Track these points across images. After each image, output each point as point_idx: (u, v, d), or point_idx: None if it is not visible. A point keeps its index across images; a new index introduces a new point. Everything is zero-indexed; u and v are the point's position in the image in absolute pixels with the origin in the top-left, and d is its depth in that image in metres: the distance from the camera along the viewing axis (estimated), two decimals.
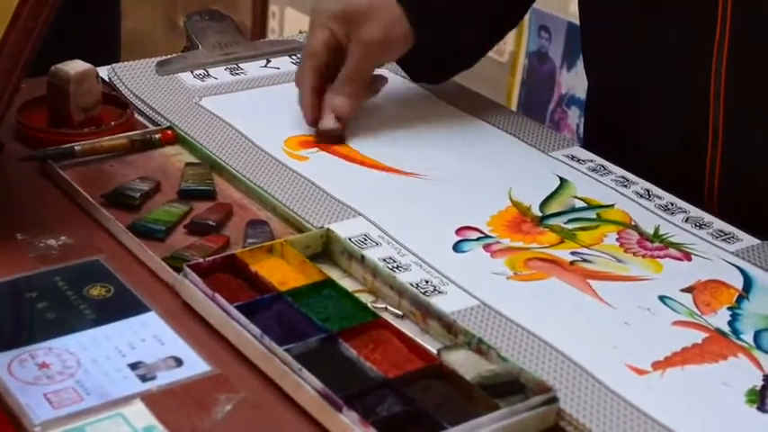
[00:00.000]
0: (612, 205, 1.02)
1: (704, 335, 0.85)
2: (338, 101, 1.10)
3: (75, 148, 1.05)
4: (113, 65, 1.22)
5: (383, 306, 0.88)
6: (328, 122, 1.10)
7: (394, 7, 1.11)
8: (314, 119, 1.11)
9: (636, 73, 1.12)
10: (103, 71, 1.19)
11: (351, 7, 1.10)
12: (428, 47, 1.13)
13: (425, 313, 0.85)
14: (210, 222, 0.96)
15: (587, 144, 1.15)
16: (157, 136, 1.09)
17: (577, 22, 1.21)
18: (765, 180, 1.04)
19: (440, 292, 0.88)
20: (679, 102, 1.08)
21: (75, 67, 1.08)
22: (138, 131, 1.09)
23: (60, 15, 0.93)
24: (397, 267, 0.90)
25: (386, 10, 1.11)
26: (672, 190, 1.04)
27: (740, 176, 1.05)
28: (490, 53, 1.26)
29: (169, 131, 1.10)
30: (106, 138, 1.07)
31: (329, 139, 1.10)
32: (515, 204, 1.01)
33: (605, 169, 1.08)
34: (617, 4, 1.13)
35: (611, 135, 1.17)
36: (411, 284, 0.88)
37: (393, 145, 1.10)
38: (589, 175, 1.07)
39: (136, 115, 1.14)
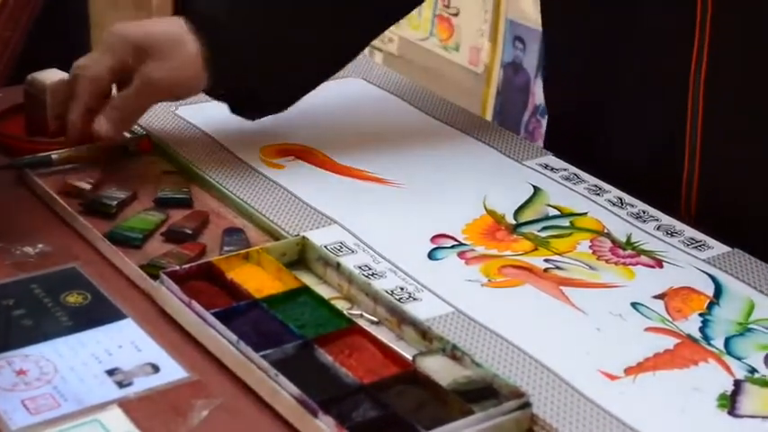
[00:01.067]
0: (585, 213, 1.03)
1: (676, 341, 0.86)
2: (104, 127, 1.03)
3: (52, 156, 1.05)
4: None
5: (359, 313, 0.88)
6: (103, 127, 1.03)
7: (191, 47, 1.03)
8: (76, 142, 1.05)
9: (605, 88, 1.12)
10: None
11: (146, 40, 1.03)
12: (226, 88, 1.08)
13: (400, 320, 0.86)
14: (187, 230, 0.96)
15: (551, 146, 1.16)
16: (134, 145, 1.09)
17: None
18: (744, 194, 1.04)
19: (415, 299, 0.89)
20: (654, 116, 1.09)
21: (52, 76, 1.09)
22: None
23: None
24: (373, 275, 0.91)
25: (181, 50, 1.03)
26: (645, 202, 1.05)
27: (718, 191, 1.05)
28: (466, 64, 1.26)
29: (145, 140, 1.10)
30: (83, 146, 1.07)
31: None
32: (490, 212, 1.02)
33: (578, 178, 1.09)
34: (585, 19, 1.12)
35: (577, 148, 1.16)
36: (386, 291, 0.88)
37: (369, 154, 1.11)
38: (562, 184, 1.08)
39: None
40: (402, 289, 0.90)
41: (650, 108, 1.09)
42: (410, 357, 0.82)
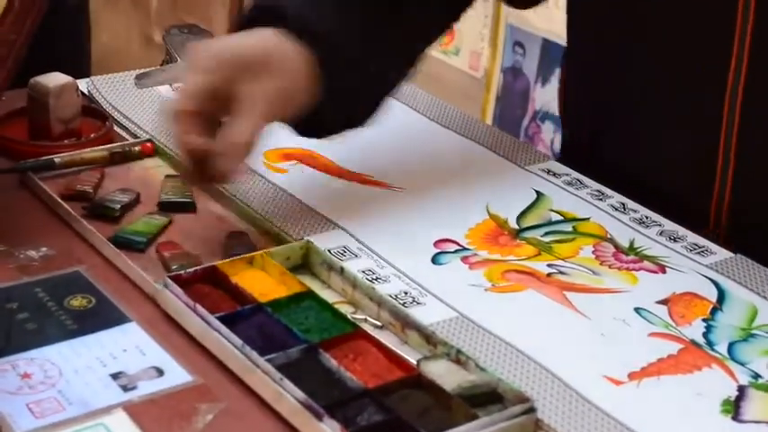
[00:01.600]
0: (588, 218, 1.03)
1: (679, 346, 0.86)
2: (225, 166, 0.91)
3: (55, 160, 1.05)
4: (92, 77, 1.23)
5: (363, 317, 0.88)
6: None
7: (296, 56, 0.93)
8: (197, 182, 0.97)
9: (634, 105, 1.09)
10: (83, 84, 1.19)
11: (246, 56, 0.92)
12: (339, 94, 0.96)
13: (404, 324, 0.86)
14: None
15: (564, 154, 1.16)
16: (137, 148, 1.10)
17: (552, 38, 1.21)
18: None
19: (419, 304, 0.89)
20: (686, 133, 1.05)
21: (55, 80, 1.09)
22: (117, 144, 1.10)
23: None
24: (377, 279, 0.91)
25: (286, 60, 0.93)
26: (672, 218, 1.03)
27: (750, 211, 1.02)
28: (466, 69, 1.25)
29: (149, 144, 1.10)
30: (86, 150, 1.08)
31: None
32: (493, 217, 1.02)
33: (581, 183, 1.09)
34: (614, 34, 1.08)
35: (599, 164, 1.12)
36: (390, 296, 0.89)
37: (372, 158, 1.11)
38: (565, 189, 1.08)
39: (115, 128, 1.14)
40: (406, 293, 0.90)
41: (682, 125, 1.05)
42: (414, 362, 0.82)
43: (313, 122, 0.98)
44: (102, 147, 1.09)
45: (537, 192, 1.07)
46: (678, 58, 1.04)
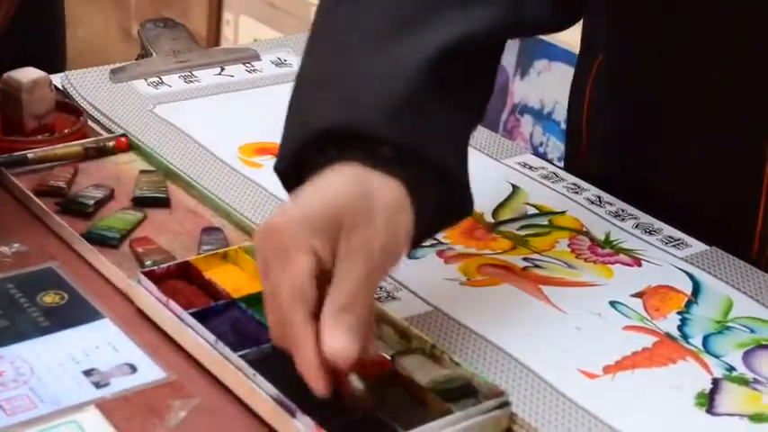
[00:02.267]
0: (564, 212, 1.03)
1: (654, 339, 0.86)
2: (335, 339, 0.71)
3: (28, 155, 1.04)
4: (67, 72, 1.22)
5: None
6: (356, 384, 0.74)
7: (390, 189, 0.75)
8: (327, 384, 0.72)
9: (674, 122, 1.04)
10: (57, 79, 1.19)
11: (336, 209, 0.73)
12: (428, 216, 0.79)
13: (379, 319, 0.86)
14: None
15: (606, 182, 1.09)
16: (111, 143, 1.09)
17: None
18: None
19: (393, 298, 0.89)
20: (728, 154, 0.99)
21: (28, 74, 1.08)
22: (91, 139, 1.09)
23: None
24: None
25: (377, 197, 0.74)
26: (714, 244, 0.99)
27: None
28: None
29: (123, 139, 1.10)
30: (60, 145, 1.07)
31: (360, 404, 0.74)
32: None
33: (557, 176, 1.09)
34: (657, 45, 1.03)
35: (631, 183, 1.06)
36: None
37: None
38: (541, 182, 1.08)
39: (89, 123, 1.14)
40: (381, 288, 0.90)
41: (725, 145, 1.00)
42: (389, 357, 0.81)
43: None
44: (77, 142, 1.08)
45: (513, 185, 1.07)
46: (721, 73, 0.98)
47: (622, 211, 1.04)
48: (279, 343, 0.74)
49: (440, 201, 0.80)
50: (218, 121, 1.15)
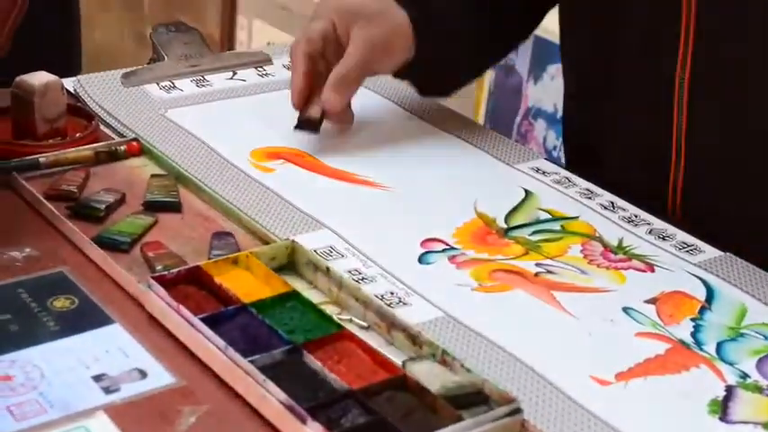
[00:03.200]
0: (577, 217, 1.03)
1: (667, 346, 0.85)
2: (331, 96, 1.09)
3: (40, 159, 1.04)
4: (79, 76, 1.22)
5: (348, 318, 0.88)
6: (313, 111, 1.10)
7: (400, 15, 1.11)
8: (300, 104, 1.11)
9: (601, 90, 1.13)
10: (69, 83, 1.19)
11: (358, 6, 1.11)
12: (427, 60, 1.13)
13: (390, 325, 0.86)
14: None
15: (569, 161, 1.17)
16: (123, 148, 1.09)
17: (544, 35, 1.22)
18: (726, 199, 1.04)
19: (405, 304, 0.88)
20: (643, 120, 1.09)
21: (40, 78, 1.08)
22: (103, 143, 1.09)
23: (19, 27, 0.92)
24: (363, 279, 0.91)
25: (392, 16, 1.11)
26: (638, 205, 1.05)
27: (702, 194, 1.06)
28: None
29: (134, 143, 1.09)
30: (71, 149, 1.07)
31: (308, 127, 1.10)
32: (480, 216, 1.01)
33: (570, 181, 1.09)
34: (583, 33, 1.15)
35: (582, 151, 1.18)
36: (376, 296, 0.88)
37: (359, 157, 1.11)
38: (554, 188, 1.07)
39: (101, 127, 1.14)
40: (392, 294, 0.89)
41: (639, 114, 1.09)
42: (400, 363, 0.81)
43: (423, 76, 1.16)
44: (88, 146, 1.08)
45: (525, 190, 1.06)
46: (632, 46, 1.08)
47: (635, 216, 1.03)
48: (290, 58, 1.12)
49: (436, 50, 1.12)
50: (229, 125, 1.15)
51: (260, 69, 1.28)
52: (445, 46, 1.13)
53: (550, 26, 1.98)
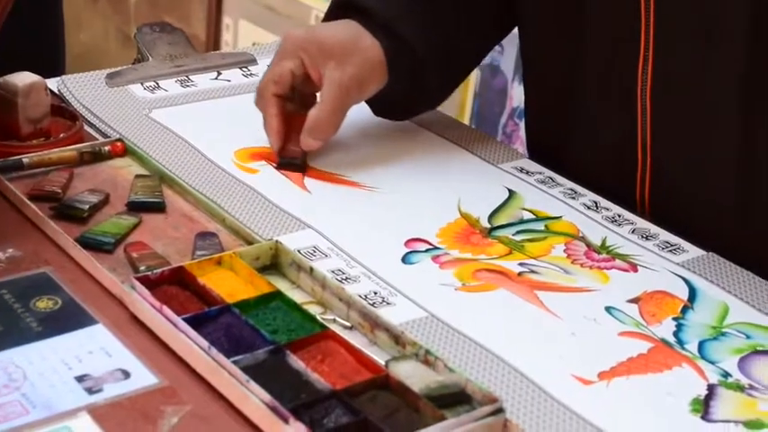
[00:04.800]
0: (560, 217, 1.03)
1: (650, 345, 0.86)
2: (310, 141, 1.07)
3: (24, 160, 1.04)
4: (63, 77, 1.22)
5: (332, 318, 0.88)
6: (294, 152, 1.08)
7: (372, 47, 1.07)
8: (280, 145, 1.08)
9: (565, 88, 1.12)
10: (53, 83, 1.19)
11: (328, 42, 1.07)
12: (398, 90, 1.10)
13: (374, 324, 0.86)
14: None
15: (531, 153, 1.17)
16: (107, 148, 1.08)
17: None
18: (693, 193, 1.04)
19: (388, 304, 0.88)
20: (609, 118, 1.09)
21: (24, 78, 1.08)
22: (87, 143, 1.09)
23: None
24: (346, 279, 0.91)
25: (364, 50, 1.07)
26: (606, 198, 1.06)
27: (669, 191, 1.06)
28: None
29: (119, 143, 1.09)
30: (55, 150, 1.07)
31: (293, 169, 1.07)
32: (464, 216, 1.02)
33: (553, 181, 1.09)
34: (545, 28, 1.13)
35: (551, 152, 1.16)
36: (360, 296, 0.88)
37: (343, 157, 1.11)
38: (537, 187, 1.08)
39: (85, 127, 1.13)
40: (376, 293, 0.89)
41: (604, 109, 1.09)
42: (383, 362, 0.81)
43: (386, 104, 1.13)
44: (72, 147, 1.08)
45: (509, 190, 1.07)
46: (595, 43, 1.08)
47: (619, 216, 1.03)
48: (257, 105, 1.09)
49: (411, 77, 1.10)
50: (214, 125, 1.15)
51: (245, 70, 1.28)
52: (417, 74, 1.10)
53: None
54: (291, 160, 1.08)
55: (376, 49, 1.07)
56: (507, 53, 2.15)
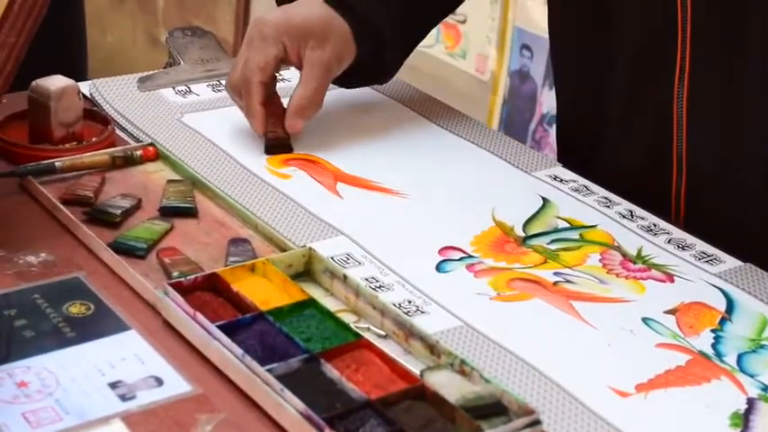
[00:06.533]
0: (595, 226, 1.02)
1: (687, 357, 0.85)
2: (296, 122, 1.10)
3: (56, 164, 1.04)
4: (94, 80, 1.21)
5: (366, 326, 0.87)
6: (279, 133, 1.11)
7: (343, 25, 1.11)
8: (265, 129, 1.10)
9: (600, 99, 1.12)
10: (84, 86, 1.18)
11: (305, 24, 1.10)
12: (361, 62, 1.14)
13: (408, 333, 0.85)
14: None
15: (562, 161, 1.16)
16: (139, 152, 1.08)
17: None
18: (729, 203, 1.04)
19: (423, 313, 0.88)
20: (642, 126, 1.08)
21: (56, 82, 1.07)
22: (119, 148, 1.09)
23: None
24: (380, 287, 0.90)
25: (337, 28, 1.11)
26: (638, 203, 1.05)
27: (704, 202, 1.05)
28: (473, 72, 1.26)
29: (150, 148, 1.09)
30: (87, 154, 1.06)
31: (281, 149, 1.10)
32: (498, 224, 1.01)
33: (588, 189, 1.08)
34: (577, 33, 1.14)
35: (583, 159, 1.16)
36: (394, 304, 0.87)
37: (376, 163, 1.10)
38: (572, 196, 1.07)
39: (117, 131, 1.13)
40: (410, 302, 0.89)
41: (639, 118, 1.09)
42: (418, 372, 0.80)
43: (345, 75, 1.15)
44: (104, 151, 1.08)
45: (543, 198, 1.06)
46: (628, 50, 1.08)
47: (654, 225, 1.02)
48: (231, 88, 1.12)
49: (374, 50, 1.13)
50: (246, 130, 1.14)
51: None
52: (379, 47, 1.14)
53: None
54: (280, 142, 1.10)
55: (345, 24, 1.11)
56: (537, 58, 2.14)
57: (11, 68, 0.92)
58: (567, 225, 1.02)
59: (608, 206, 1.05)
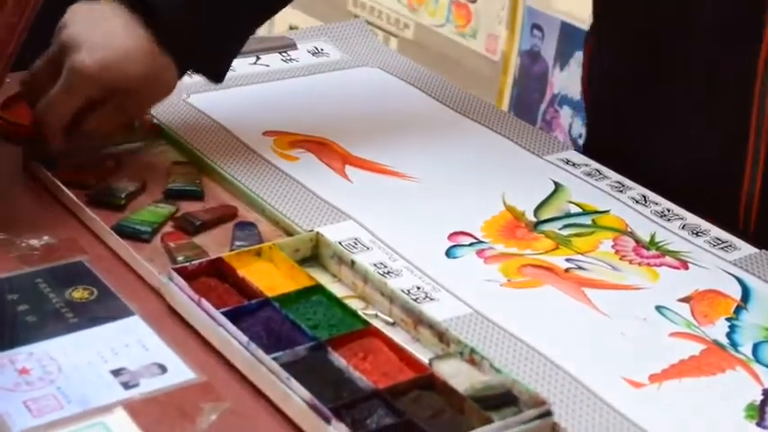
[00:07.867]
0: (608, 211, 1.00)
1: (702, 347, 0.83)
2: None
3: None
4: None
5: (374, 313, 0.86)
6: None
7: (167, 71, 0.99)
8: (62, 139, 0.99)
9: (659, 92, 1.06)
10: None
11: (126, 81, 0.96)
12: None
13: (417, 321, 0.83)
14: (196, 221, 0.93)
15: (589, 151, 1.12)
16: (137, 123, 1.06)
17: (571, 21, 1.18)
18: None
19: (432, 299, 0.86)
20: (713, 124, 1.02)
21: None
22: None
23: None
24: (388, 273, 0.88)
25: (161, 78, 0.99)
26: (698, 215, 0.99)
27: None
28: (483, 52, 1.22)
29: (147, 116, 1.07)
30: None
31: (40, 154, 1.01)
32: (509, 209, 0.99)
33: (600, 174, 1.06)
34: (640, 19, 1.07)
35: (622, 154, 1.09)
36: (402, 291, 0.86)
37: (385, 146, 1.08)
38: (584, 180, 1.05)
39: None
40: (419, 288, 0.87)
41: (710, 115, 1.02)
42: (426, 361, 0.79)
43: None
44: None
45: (555, 183, 1.04)
46: (706, 39, 1.01)
47: (668, 210, 1.00)
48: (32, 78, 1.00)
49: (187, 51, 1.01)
50: (252, 111, 1.12)
51: (284, 55, 1.25)
52: (195, 56, 1.03)
53: (577, 12, 1.95)
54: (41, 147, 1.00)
55: (169, 68, 1.00)
56: (548, 39, 2.12)
57: (13, 49, 0.90)
58: (580, 210, 1.00)
59: (621, 191, 1.03)
